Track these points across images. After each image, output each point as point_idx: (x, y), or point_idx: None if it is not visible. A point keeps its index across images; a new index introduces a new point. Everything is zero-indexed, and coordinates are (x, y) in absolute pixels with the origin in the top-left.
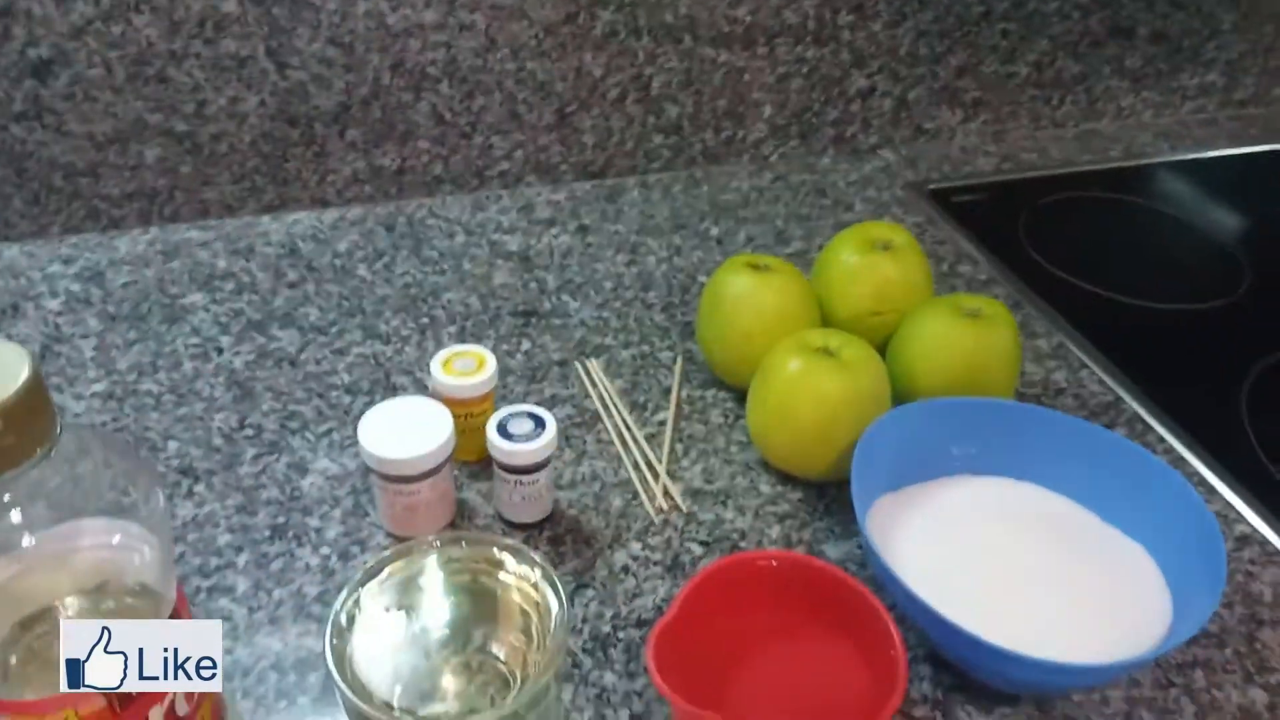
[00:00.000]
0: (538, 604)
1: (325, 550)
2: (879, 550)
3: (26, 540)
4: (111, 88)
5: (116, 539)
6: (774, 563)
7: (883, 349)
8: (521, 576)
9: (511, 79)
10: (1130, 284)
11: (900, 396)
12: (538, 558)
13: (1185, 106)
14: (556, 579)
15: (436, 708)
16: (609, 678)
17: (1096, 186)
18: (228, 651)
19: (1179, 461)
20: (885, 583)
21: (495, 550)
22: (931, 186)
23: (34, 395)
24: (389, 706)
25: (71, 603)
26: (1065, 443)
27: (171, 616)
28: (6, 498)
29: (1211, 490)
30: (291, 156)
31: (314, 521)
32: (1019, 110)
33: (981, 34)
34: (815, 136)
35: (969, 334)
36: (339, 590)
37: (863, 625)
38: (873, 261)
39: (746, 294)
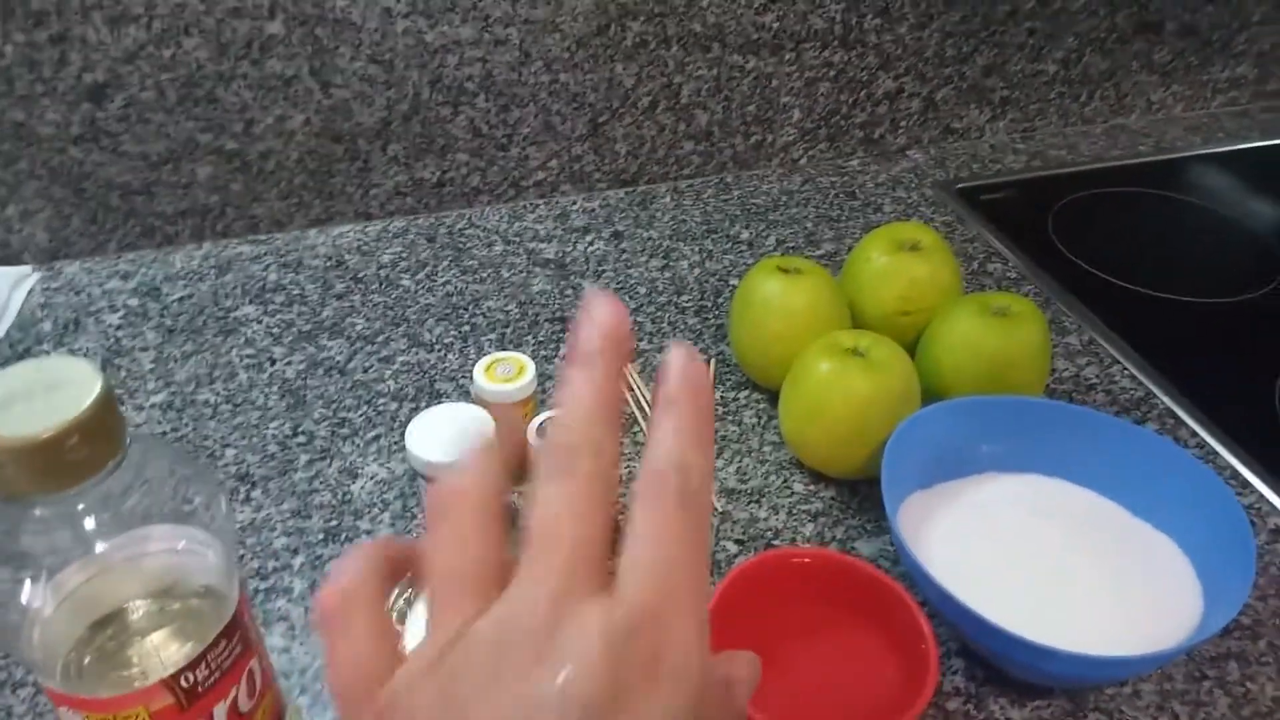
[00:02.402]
0: None
1: None
2: (910, 546)
3: (99, 546)
4: (164, 109)
5: (182, 544)
6: (807, 560)
7: (912, 349)
8: None
9: (545, 91)
10: (1162, 279)
11: (930, 395)
12: None
13: (1216, 100)
14: None
15: None
16: None
17: (1127, 182)
18: (285, 650)
19: (1211, 455)
20: (916, 578)
21: None
22: (960, 185)
23: (105, 409)
24: None
25: (141, 605)
26: (1094, 438)
27: (234, 616)
28: (81, 507)
29: (1245, 484)
30: (336, 172)
31: (365, 524)
32: (1047, 108)
33: (1008, 33)
34: (844, 139)
35: (997, 332)
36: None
37: (895, 620)
38: (901, 262)
39: (776, 296)
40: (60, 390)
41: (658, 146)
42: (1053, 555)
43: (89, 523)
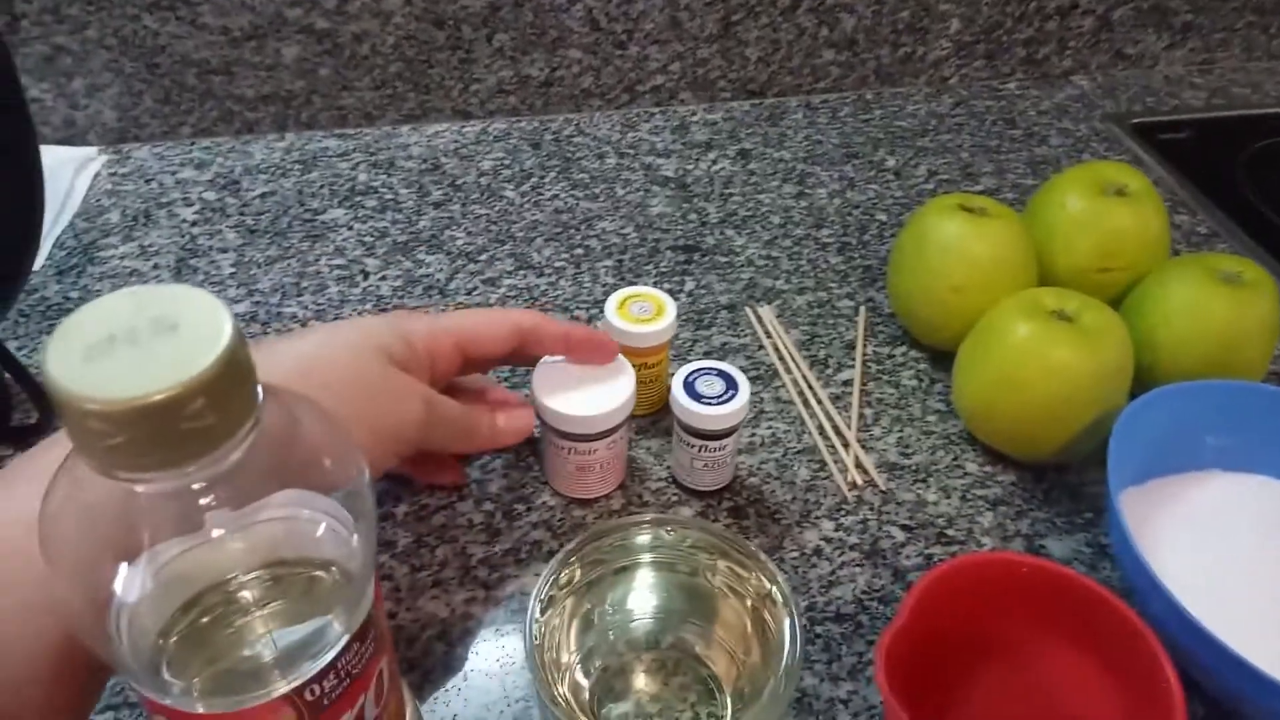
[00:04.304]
0: (755, 609)
1: (488, 506)
2: (1146, 559)
3: (215, 531)
4: None
5: (306, 512)
6: (1025, 569)
7: None
8: (738, 574)
9: None
10: None
11: (1138, 371)
12: (767, 560)
13: None
14: (789, 593)
15: (623, 706)
16: (809, 680)
17: None
18: (390, 615)
19: None
20: (1142, 596)
21: (715, 540)
22: (1135, 120)
23: (237, 361)
24: (593, 715)
25: (251, 579)
26: None
27: (369, 614)
28: (197, 486)
29: None
30: (436, 62)
31: (474, 473)
32: (1231, 38)
33: None
34: (1003, 58)
35: (1226, 303)
36: (504, 555)
37: (1120, 650)
38: (1102, 208)
39: (958, 241)
40: (177, 333)
41: (794, 53)
42: None
43: (203, 501)
